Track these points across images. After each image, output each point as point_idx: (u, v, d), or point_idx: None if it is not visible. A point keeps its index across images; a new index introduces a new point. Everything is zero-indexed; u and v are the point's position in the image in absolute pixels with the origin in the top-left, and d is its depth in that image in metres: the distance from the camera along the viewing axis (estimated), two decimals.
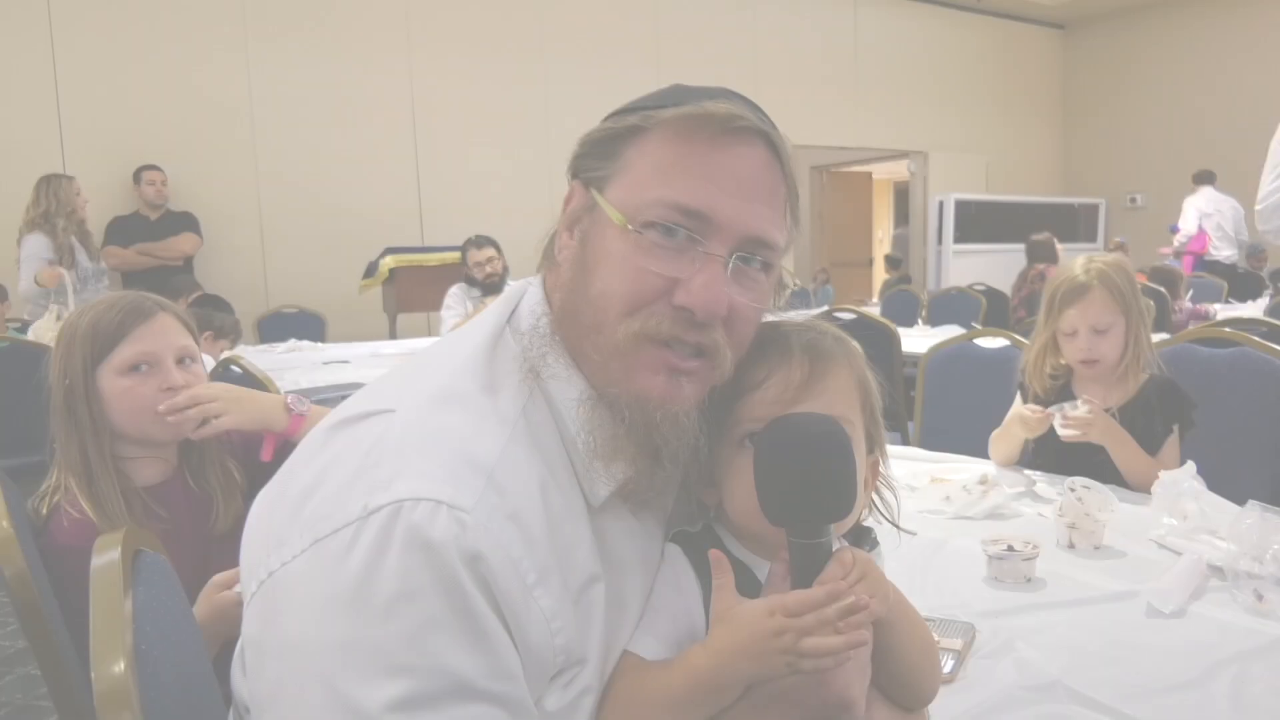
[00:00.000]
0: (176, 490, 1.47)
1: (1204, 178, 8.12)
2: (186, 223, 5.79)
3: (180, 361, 1.46)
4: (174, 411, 1.41)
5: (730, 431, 0.83)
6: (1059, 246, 6.33)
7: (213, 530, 1.46)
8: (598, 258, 0.76)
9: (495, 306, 0.84)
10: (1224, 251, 7.81)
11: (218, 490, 1.50)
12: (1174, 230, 8.08)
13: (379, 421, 0.72)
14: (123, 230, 5.62)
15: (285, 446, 1.59)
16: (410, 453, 0.68)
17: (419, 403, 0.73)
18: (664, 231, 0.74)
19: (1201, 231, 7.83)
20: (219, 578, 1.27)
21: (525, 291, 0.84)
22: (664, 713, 0.75)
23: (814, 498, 0.73)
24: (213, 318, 3.64)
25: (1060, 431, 1.86)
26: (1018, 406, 2.01)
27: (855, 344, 0.88)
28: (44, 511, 1.35)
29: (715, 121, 0.74)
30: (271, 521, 0.71)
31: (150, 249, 5.59)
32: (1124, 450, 1.85)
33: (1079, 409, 1.84)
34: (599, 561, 0.76)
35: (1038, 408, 1.94)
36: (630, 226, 0.74)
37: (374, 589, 0.63)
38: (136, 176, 5.71)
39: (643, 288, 0.74)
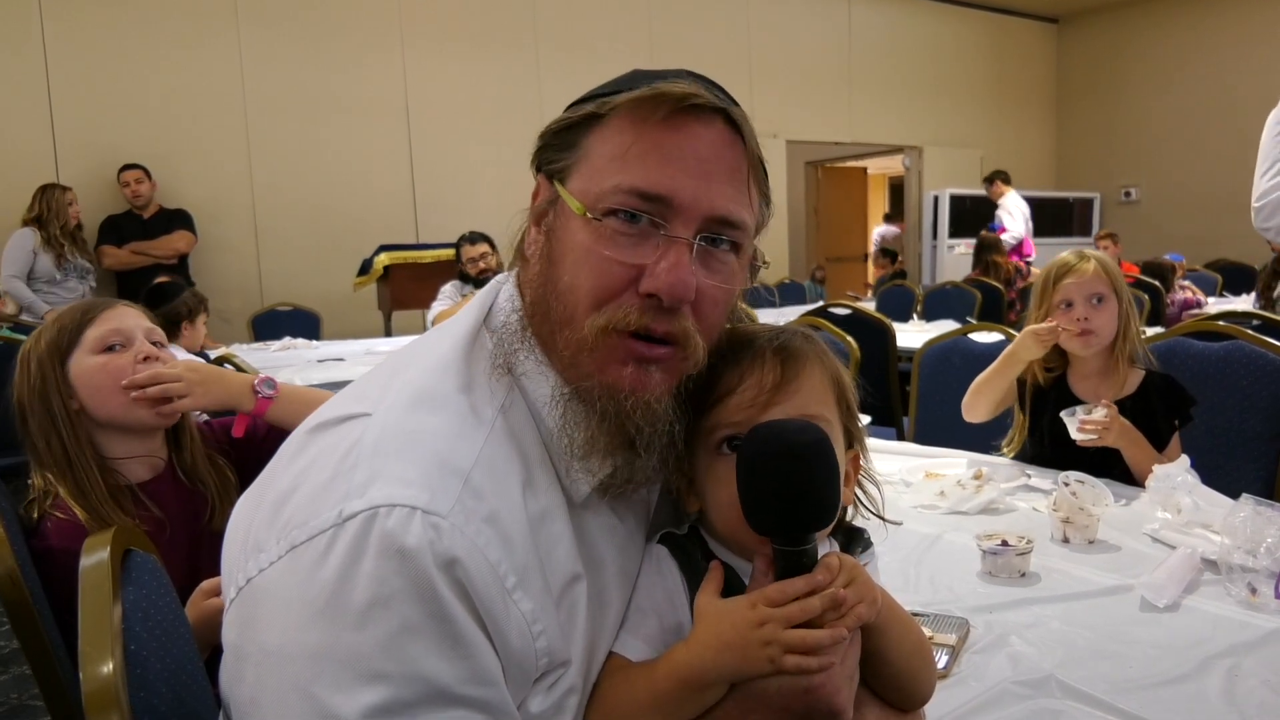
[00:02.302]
0: (167, 486, 1.47)
1: (1004, 177, 8.39)
2: (180, 220, 5.75)
3: (154, 343, 1.47)
4: (136, 387, 1.41)
5: (707, 439, 0.82)
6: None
7: (206, 528, 1.45)
8: (563, 250, 0.75)
9: (472, 304, 0.83)
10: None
11: (212, 487, 1.49)
12: (994, 229, 8.07)
13: (356, 425, 0.71)
14: (116, 229, 5.59)
15: (257, 426, 1.60)
16: (386, 457, 0.67)
17: (395, 405, 0.72)
18: (625, 218, 0.73)
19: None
20: (207, 584, 1.26)
21: (500, 288, 0.83)
22: (650, 712, 0.75)
23: (798, 507, 0.71)
24: (179, 307, 3.53)
25: (1077, 437, 1.83)
26: (1017, 339, 2.00)
27: (823, 342, 0.87)
28: (35, 515, 1.35)
29: (670, 101, 0.72)
30: (250, 526, 0.71)
31: (144, 247, 5.56)
32: (1138, 452, 1.85)
33: (1096, 413, 1.82)
34: (580, 560, 0.75)
35: (1046, 324, 1.94)
36: (590, 215, 0.73)
37: (349, 596, 0.62)
38: (118, 176, 5.68)
39: (608, 279, 0.73)
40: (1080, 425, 1.82)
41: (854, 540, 0.89)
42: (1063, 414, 1.86)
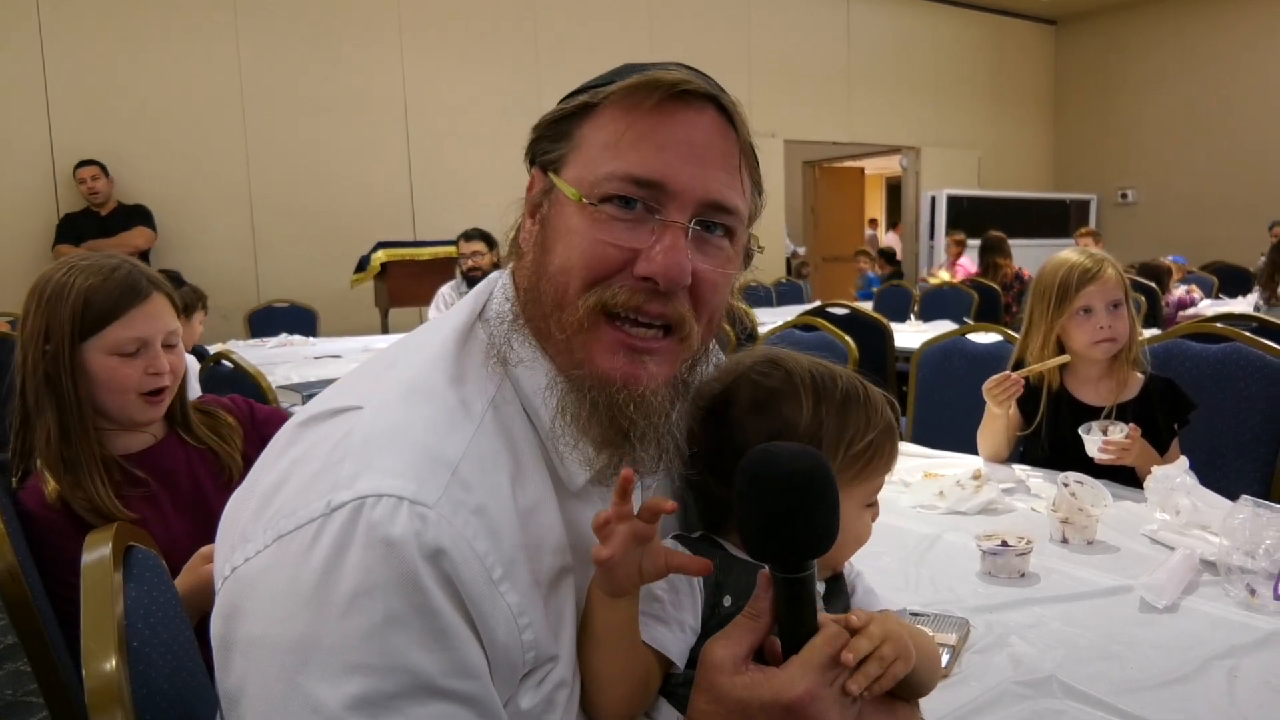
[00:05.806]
0: (174, 453, 1.47)
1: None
2: (139, 216, 5.61)
3: (168, 345, 1.45)
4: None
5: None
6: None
7: (220, 485, 1.47)
8: (556, 236, 0.76)
9: (467, 299, 0.83)
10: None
11: (210, 439, 1.50)
12: None
13: (346, 418, 0.71)
14: (73, 227, 5.46)
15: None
16: (375, 449, 0.68)
17: (386, 399, 0.72)
18: (620, 204, 0.73)
19: None
20: (207, 549, 1.27)
21: (495, 285, 0.84)
22: (586, 651, 0.76)
23: (795, 535, 0.69)
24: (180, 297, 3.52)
25: (1097, 457, 1.82)
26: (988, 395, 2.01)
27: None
28: (15, 474, 1.35)
29: (661, 88, 0.73)
30: (239, 517, 0.71)
31: (101, 245, 5.36)
32: (1147, 464, 1.84)
33: (1113, 432, 1.81)
34: (570, 553, 0.75)
35: (997, 378, 1.94)
36: (586, 201, 0.73)
37: (334, 586, 0.63)
38: (73, 173, 5.51)
39: (602, 261, 0.73)
40: (1102, 446, 1.81)
41: (836, 593, 0.90)
42: (1081, 429, 1.84)
